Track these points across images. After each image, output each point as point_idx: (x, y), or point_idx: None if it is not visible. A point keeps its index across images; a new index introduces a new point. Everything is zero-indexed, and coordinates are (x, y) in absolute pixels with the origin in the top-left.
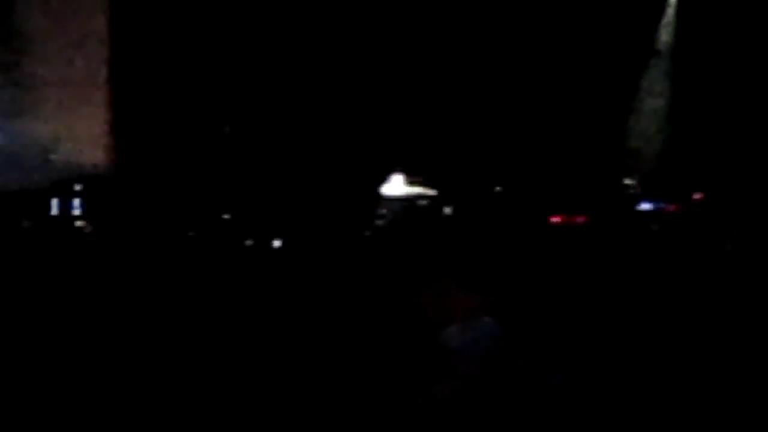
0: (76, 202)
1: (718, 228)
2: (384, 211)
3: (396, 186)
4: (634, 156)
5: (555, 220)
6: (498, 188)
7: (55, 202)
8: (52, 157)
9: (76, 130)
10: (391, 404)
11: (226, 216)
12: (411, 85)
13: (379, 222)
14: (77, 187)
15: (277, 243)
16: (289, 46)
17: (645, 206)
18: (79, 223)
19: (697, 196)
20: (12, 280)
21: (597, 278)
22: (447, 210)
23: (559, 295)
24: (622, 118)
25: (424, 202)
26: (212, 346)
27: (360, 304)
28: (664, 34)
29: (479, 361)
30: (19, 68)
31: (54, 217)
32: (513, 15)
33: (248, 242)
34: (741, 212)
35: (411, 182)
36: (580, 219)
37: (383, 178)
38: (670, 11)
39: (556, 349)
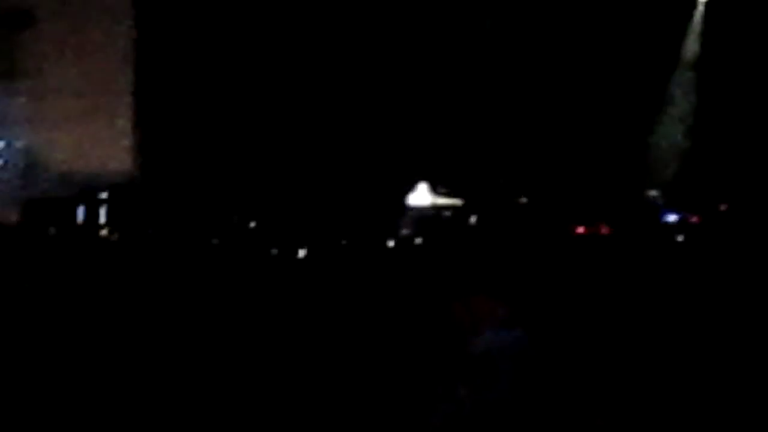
0: (102, 210)
1: (741, 238)
2: (409, 220)
3: (421, 195)
4: (658, 166)
5: (579, 231)
6: (523, 199)
7: (80, 211)
8: (77, 165)
9: (100, 139)
10: (418, 407)
11: (251, 224)
12: (439, 93)
13: (404, 231)
14: (103, 195)
15: (302, 252)
16: (315, 54)
17: (669, 217)
18: (104, 232)
19: (721, 206)
20: (38, 288)
21: (620, 289)
22: (472, 220)
23: (582, 305)
24: (647, 128)
25: (449, 213)
26: (237, 353)
27: (386, 311)
28: (690, 43)
29: (507, 370)
30: (41, 76)
31: (80, 225)
32: (539, 27)
33: (273, 251)
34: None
35: (436, 192)
36: (604, 230)
37: (409, 188)
38: (697, 20)
39: (578, 359)
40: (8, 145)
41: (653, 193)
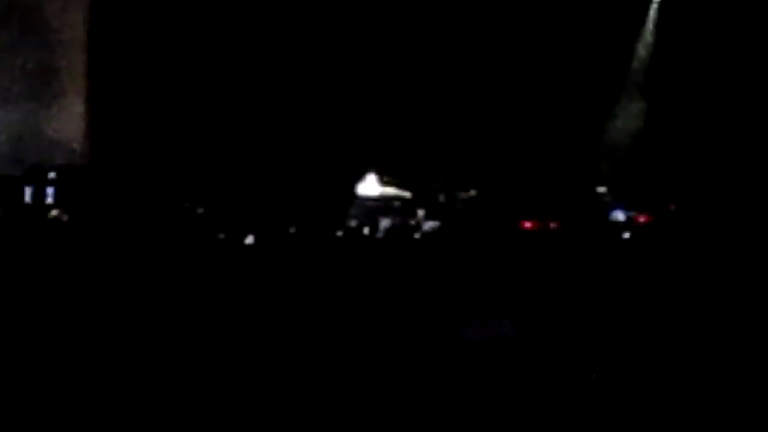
0: (50, 190)
1: (688, 237)
2: (357, 210)
3: (370, 186)
4: (607, 164)
5: (527, 225)
6: (472, 191)
7: (28, 190)
8: (26, 145)
9: (50, 118)
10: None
11: (199, 209)
12: (389, 84)
13: (352, 221)
14: (51, 175)
15: (249, 239)
16: (265, 44)
17: (617, 215)
18: (53, 212)
19: (670, 206)
20: None
21: (569, 283)
22: (420, 212)
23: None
24: (597, 125)
25: (398, 203)
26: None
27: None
28: (640, 45)
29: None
30: None
31: (27, 205)
32: (490, 19)
33: (221, 236)
34: (712, 222)
35: (385, 182)
36: (553, 225)
37: (357, 178)
38: (650, 21)
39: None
40: None
41: (602, 189)
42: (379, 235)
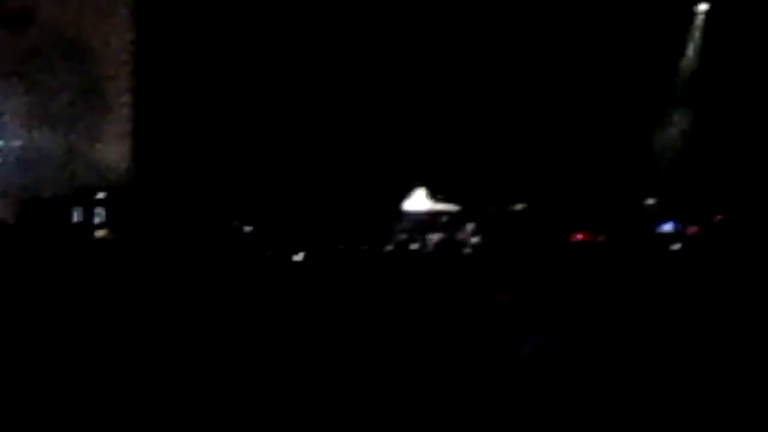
0: (98, 211)
1: (737, 250)
2: (406, 225)
3: (419, 201)
4: (655, 176)
5: (578, 237)
6: (521, 206)
7: (76, 212)
8: (73, 166)
9: (98, 139)
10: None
11: (247, 227)
12: (438, 99)
13: (401, 236)
14: (99, 196)
15: (298, 256)
16: (314, 58)
17: (665, 227)
18: (101, 232)
19: (717, 217)
20: (34, 287)
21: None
22: (469, 226)
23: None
24: (645, 138)
25: (446, 218)
26: (233, 357)
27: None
28: (690, 54)
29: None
30: (39, 76)
31: (76, 225)
32: (538, 37)
33: (269, 254)
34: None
35: (434, 197)
36: (601, 238)
37: (406, 193)
38: (696, 32)
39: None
40: (6, 144)
41: (650, 201)
42: (428, 249)
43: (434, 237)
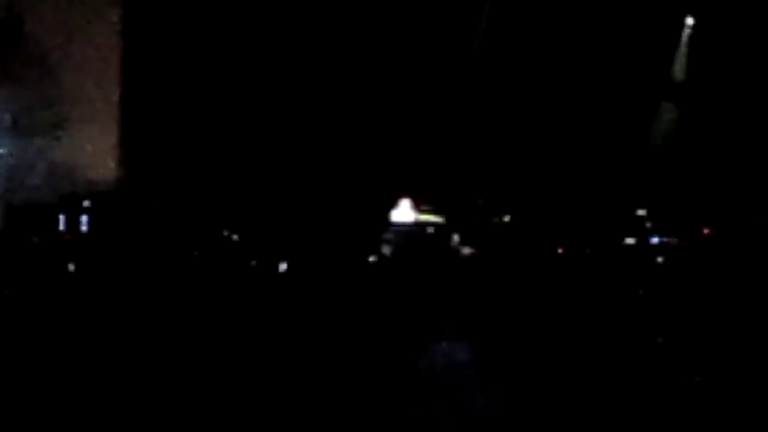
0: (84, 218)
1: (725, 262)
2: (391, 236)
3: (404, 212)
4: (644, 188)
5: (561, 250)
6: (507, 217)
7: (63, 218)
8: (60, 173)
9: (84, 146)
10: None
11: (233, 236)
12: (425, 110)
13: (386, 248)
14: (86, 203)
15: (283, 266)
16: (301, 71)
17: (653, 239)
18: (87, 239)
19: (705, 230)
20: (20, 294)
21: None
22: (455, 238)
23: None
24: (634, 150)
25: (432, 229)
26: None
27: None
28: (677, 68)
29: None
30: (26, 84)
31: (62, 232)
32: (526, 49)
33: (253, 263)
34: (748, 246)
35: (420, 209)
36: (589, 250)
37: (392, 205)
38: (683, 44)
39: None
40: None
41: (641, 213)
42: (413, 261)
43: (420, 248)
